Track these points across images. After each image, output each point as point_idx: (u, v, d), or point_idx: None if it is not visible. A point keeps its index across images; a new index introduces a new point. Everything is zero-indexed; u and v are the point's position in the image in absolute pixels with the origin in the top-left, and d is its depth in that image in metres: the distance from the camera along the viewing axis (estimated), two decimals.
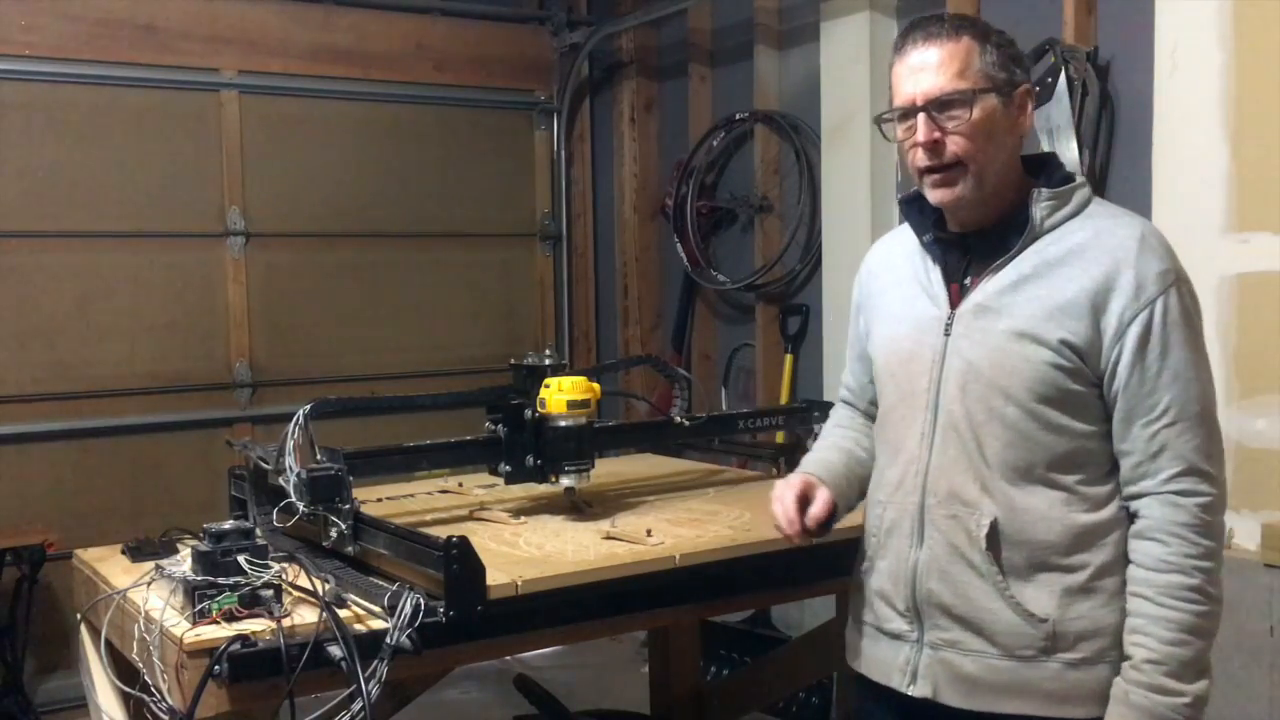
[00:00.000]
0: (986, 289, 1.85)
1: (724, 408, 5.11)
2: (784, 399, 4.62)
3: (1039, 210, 1.83)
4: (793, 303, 4.78)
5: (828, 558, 2.42)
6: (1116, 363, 1.77)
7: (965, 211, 1.88)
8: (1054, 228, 1.83)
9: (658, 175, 5.52)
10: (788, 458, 3.12)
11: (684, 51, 5.26)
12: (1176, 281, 1.78)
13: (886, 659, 1.96)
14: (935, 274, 1.93)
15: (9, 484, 4.52)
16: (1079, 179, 1.89)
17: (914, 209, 1.98)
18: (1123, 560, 1.81)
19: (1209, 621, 1.76)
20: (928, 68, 1.81)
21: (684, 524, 2.50)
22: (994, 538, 1.82)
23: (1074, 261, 1.79)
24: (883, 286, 2.04)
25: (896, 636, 1.94)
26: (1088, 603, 1.80)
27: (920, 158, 1.84)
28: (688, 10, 5.12)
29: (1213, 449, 1.78)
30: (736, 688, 3.77)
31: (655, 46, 5.51)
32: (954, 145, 1.81)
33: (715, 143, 5.08)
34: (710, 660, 4.55)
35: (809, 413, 3.03)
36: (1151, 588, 1.76)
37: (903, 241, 2.02)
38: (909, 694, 1.90)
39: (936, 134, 1.81)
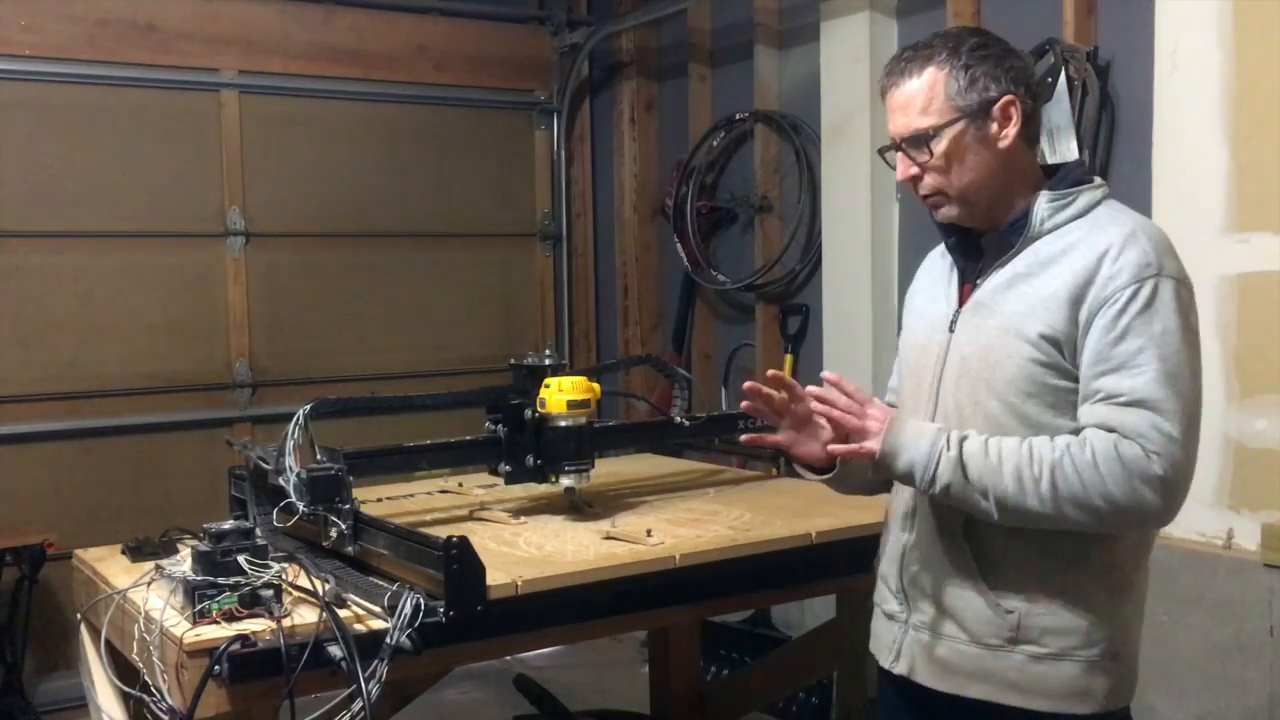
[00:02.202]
0: (985, 287, 1.90)
1: (724, 408, 5.11)
2: None
3: (1038, 212, 1.85)
4: (793, 303, 4.78)
5: (828, 558, 2.43)
6: (1083, 350, 1.78)
7: (969, 221, 1.93)
8: (1054, 229, 1.85)
9: (658, 175, 5.52)
10: (787, 458, 3.11)
11: (684, 51, 5.26)
12: (1158, 275, 1.75)
13: (883, 638, 2.04)
14: (954, 274, 1.99)
15: (9, 484, 4.52)
16: (1094, 183, 1.89)
17: None
18: (1098, 563, 1.83)
19: (1019, 489, 1.75)
20: (898, 107, 1.88)
21: (684, 524, 2.50)
22: (972, 527, 1.86)
23: (1062, 259, 1.81)
24: (919, 289, 2.11)
25: (890, 617, 2.02)
26: (1058, 600, 1.83)
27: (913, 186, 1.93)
28: (688, 10, 5.12)
29: (1156, 430, 1.71)
30: (736, 688, 3.77)
31: (655, 46, 5.51)
32: (929, 178, 1.88)
33: (715, 143, 5.08)
34: (710, 660, 4.55)
35: None
36: (1031, 439, 1.78)
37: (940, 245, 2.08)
38: (893, 671, 1.99)
39: (914, 170, 1.88)
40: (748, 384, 2.01)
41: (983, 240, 1.93)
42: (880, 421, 1.85)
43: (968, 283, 1.95)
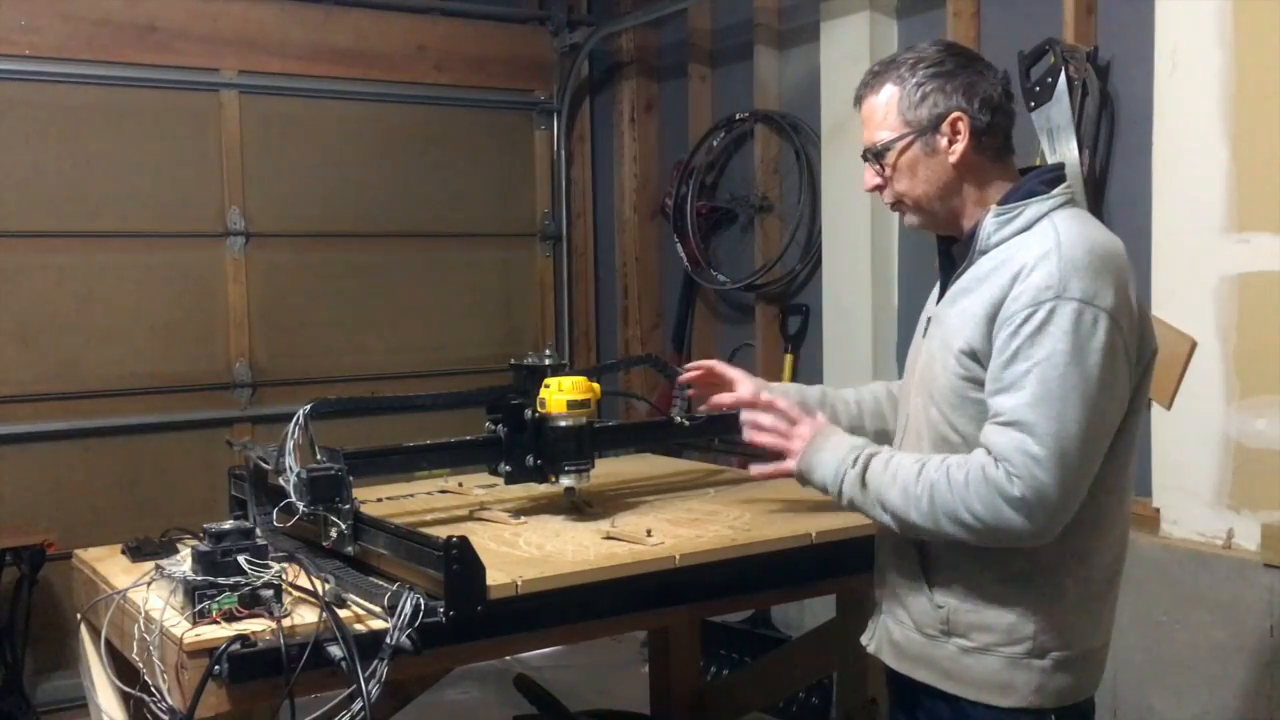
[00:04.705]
0: (943, 300, 1.99)
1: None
2: None
3: (985, 227, 1.91)
4: (793, 303, 4.78)
5: (828, 558, 2.43)
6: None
7: (935, 229, 2.04)
8: (1000, 243, 1.90)
9: (658, 175, 5.52)
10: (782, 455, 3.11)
11: (684, 51, 5.26)
12: (1056, 299, 1.77)
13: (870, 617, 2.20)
14: (939, 283, 2.07)
15: (9, 484, 4.53)
16: (1050, 193, 1.90)
17: None
18: (1019, 568, 1.90)
19: (905, 502, 1.88)
20: (864, 120, 2.01)
21: (684, 524, 2.50)
22: None
23: (993, 276, 1.87)
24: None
25: (875, 601, 2.17)
26: (983, 599, 1.92)
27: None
28: (688, 10, 5.12)
29: (1021, 452, 1.76)
30: (736, 688, 3.77)
31: (655, 46, 5.52)
32: (889, 188, 2.01)
33: (715, 143, 5.08)
34: (710, 660, 4.55)
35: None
36: (926, 457, 1.90)
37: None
38: (867, 649, 2.15)
39: (877, 180, 2.01)
40: (684, 375, 2.34)
41: (953, 250, 2.02)
42: (804, 440, 2.06)
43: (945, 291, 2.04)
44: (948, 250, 2.03)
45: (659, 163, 5.53)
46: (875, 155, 1.98)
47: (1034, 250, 1.83)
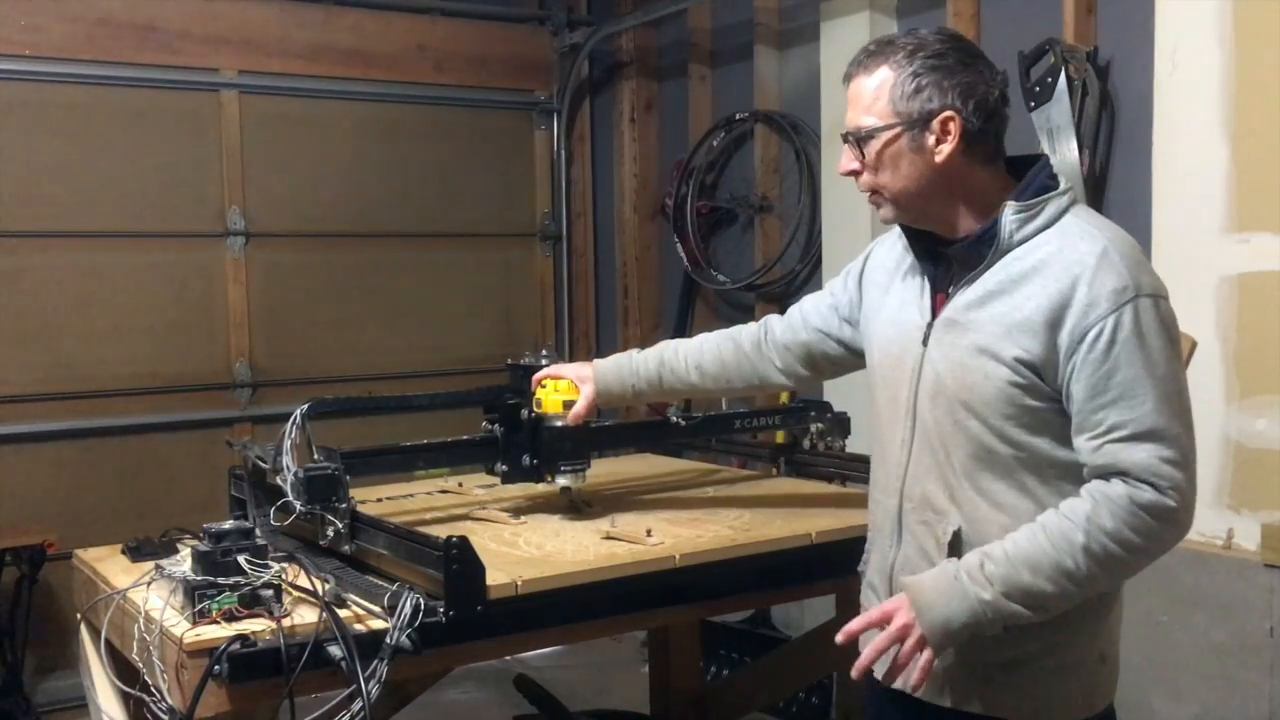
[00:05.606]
0: (957, 303, 1.87)
1: (723, 407, 5.10)
2: (783, 399, 4.61)
3: (1006, 225, 1.82)
4: (793, 302, 4.75)
5: (828, 558, 2.43)
6: (1070, 380, 1.76)
7: (911, 224, 1.94)
8: (1024, 240, 1.82)
9: (658, 175, 5.52)
10: (787, 457, 3.13)
11: (684, 51, 5.26)
12: (1135, 298, 1.73)
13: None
14: (923, 282, 1.96)
15: (9, 484, 4.53)
16: (1061, 186, 1.86)
17: None
18: None
19: (1065, 584, 1.73)
20: (851, 100, 1.89)
21: (684, 524, 2.50)
22: (956, 545, 1.85)
23: (1035, 278, 1.78)
24: (881, 283, 2.07)
25: (883, 628, 1.93)
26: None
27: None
28: (688, 10, 5.12)
29: (1163, 463, 1.71)
30: (736, 688, 3.77)
31: (655, 46, 5.52)
32: (866, 176, 1.90)
33: (715, 143, 5.08)
34: (710, 660, 4.55)
35: (806, 412, 3.05)
36: (1044, 525, 1.76)
37: (903, 244, 2.03)
38: (893, 686, 1.94)
39: (854, 165, 1.90)
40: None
41: (950, 251, 1.90)
42: (908, 615, 1.80)
43: (939, 293, 1.92)
44: (935, 250, 1.93)
45: (659, 163, 5.53)
46: (859, 140, 1.87)
47: (1084, 249, 1.76)
